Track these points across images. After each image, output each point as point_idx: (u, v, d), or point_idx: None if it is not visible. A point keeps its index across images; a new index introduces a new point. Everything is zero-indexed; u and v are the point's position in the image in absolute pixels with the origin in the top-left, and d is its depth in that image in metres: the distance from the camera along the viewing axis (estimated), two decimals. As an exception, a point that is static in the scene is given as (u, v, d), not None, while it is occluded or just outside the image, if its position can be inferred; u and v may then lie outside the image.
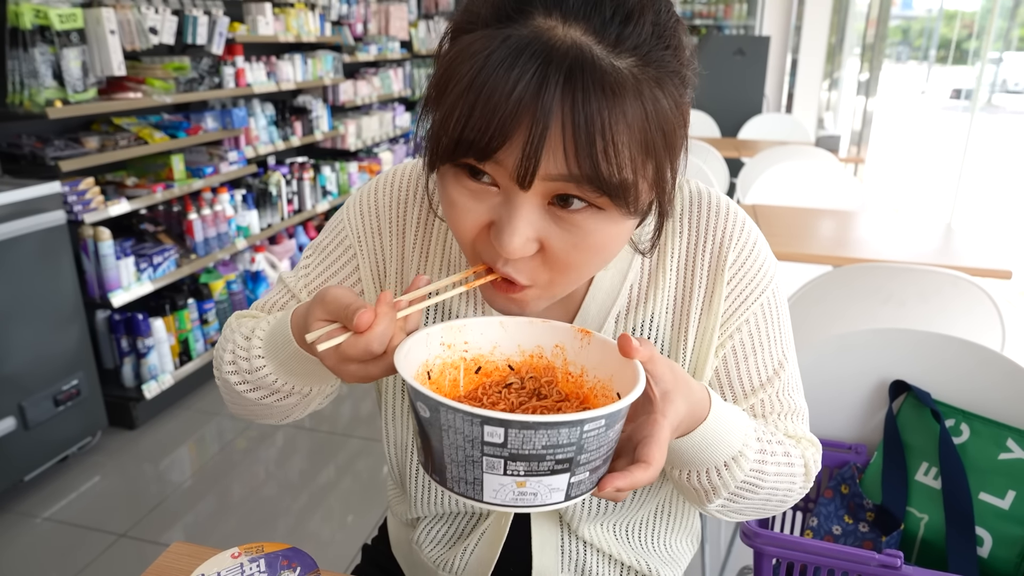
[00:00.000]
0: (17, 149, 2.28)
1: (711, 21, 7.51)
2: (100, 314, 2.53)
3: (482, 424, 0.45)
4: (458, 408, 0.45)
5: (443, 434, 0.47)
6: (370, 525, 2.10)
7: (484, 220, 0.55)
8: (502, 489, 0.47)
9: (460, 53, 0.51)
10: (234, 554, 0.67)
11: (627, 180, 0.51)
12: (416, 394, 0.48)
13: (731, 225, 0.69)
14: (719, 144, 4.03)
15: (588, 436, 0.47)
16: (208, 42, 2.85)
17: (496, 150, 0.50)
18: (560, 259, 0.55)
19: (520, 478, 0.47)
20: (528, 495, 0.48)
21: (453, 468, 0.48)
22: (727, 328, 0.70)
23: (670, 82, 0.52)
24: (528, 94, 0.48)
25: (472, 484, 0.48)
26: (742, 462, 0.62)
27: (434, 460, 0.49)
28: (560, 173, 0.50)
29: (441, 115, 0.52)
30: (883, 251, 2.04)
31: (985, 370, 1.10)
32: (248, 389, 0.68)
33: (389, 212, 0.74)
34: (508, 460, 0.46)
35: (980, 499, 1.03)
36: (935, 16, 16.07)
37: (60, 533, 2.05)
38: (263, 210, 3.29)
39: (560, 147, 0.49)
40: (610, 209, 0.53)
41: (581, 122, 0.48)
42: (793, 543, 0.89)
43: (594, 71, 0.48)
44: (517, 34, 0.49)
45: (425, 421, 0.48)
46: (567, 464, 0.47)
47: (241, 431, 2.60)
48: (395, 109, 4.71)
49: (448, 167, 0.55)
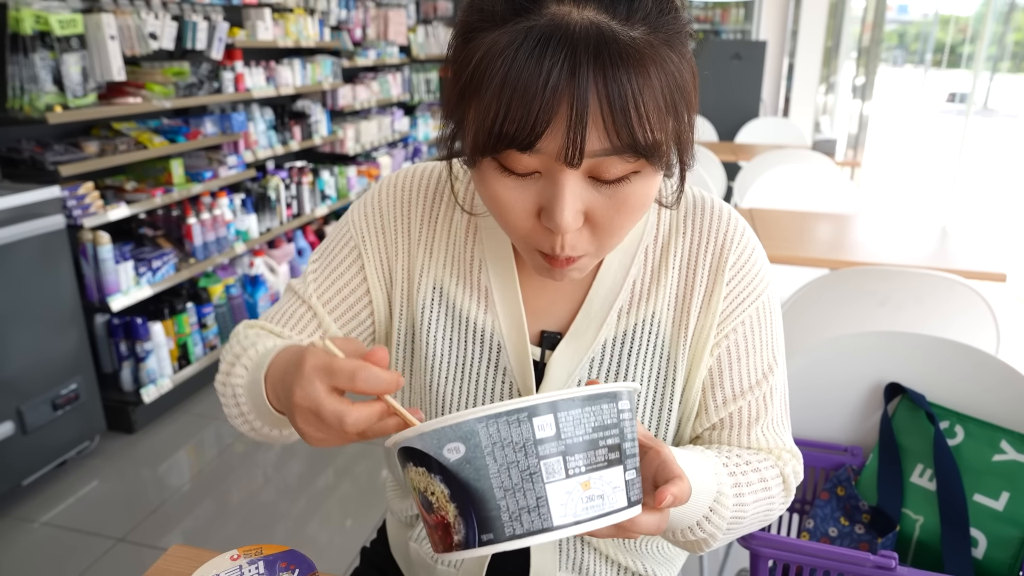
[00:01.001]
0: (17, 154, 2.28)
1: (708, 26, 7.53)
2: (99, 318, 2.54)
3: (529, 418, 0.43)
4: (499, 411, 0.42)
5: (487, 461, 0.43)
6: (369, 528, 2.10)
7: (532, 207, 0.58)
8: (569, 500, 0.44)
9: (487, 52, 0.52)
10: (233, 556, 0.67)
11: (659, 140, 0.54)
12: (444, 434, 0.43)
13: (732, 229, 0.72)
14: (716, 148, 4.05)
15: (624, 418, 0.47)
16: (207, 47, 2.86)
17: (539, 138, 0.52)
18: (606, 225, 0.58)
19: (583, 475, 0.44)
20: (596, 499, 0.45)
21: (509, 501, 0.43)
22: (723, 328, 0.72)
23: (678, 41, 0.55)
24: (563, 80, 0.50)
25: (536, 509, 0.43)
26: (724, 501, 0.65)
27: (480, 512, 0.44)
28: (603, 148, 0.52)
29: (478, 113, 0.53)
30: (879, 254, 2.05)
31: (979, 372, 1.11)
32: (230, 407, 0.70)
33: (393, 211, 0.75)
34: (566, 456, 0.44)
35: (974, 500, 1.04)
36: (931, 20, 16.13)
37: (58, 538, 2.05)
38: (262, 214, 3.29)
39: (600, 123, 0.51)
40: (644, 170, 0.56)
41: (615, 95, 0.50)
42: (789, 545, 0.90)
43: (617, 45, 0.51)
44: (538, 25, 0.51)
45: (459, 466, 0.43)
46: (617, 453, 0.46)
47: (239, 435, 2.60)
48: (394, 113, 4.72)
49: (487, 166, 0.57)
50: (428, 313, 0.75)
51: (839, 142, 5.94)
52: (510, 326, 0.73)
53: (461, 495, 0.44)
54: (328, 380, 0.50)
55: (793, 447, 0.76)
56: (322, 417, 0.50)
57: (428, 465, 0.44)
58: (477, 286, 0.74)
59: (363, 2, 4.30)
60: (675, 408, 0.73)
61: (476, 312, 0.74)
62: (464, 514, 0.44)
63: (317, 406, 0.50)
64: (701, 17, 7.58)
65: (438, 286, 0.74)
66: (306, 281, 0.77)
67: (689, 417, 0.75)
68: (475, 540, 0.44)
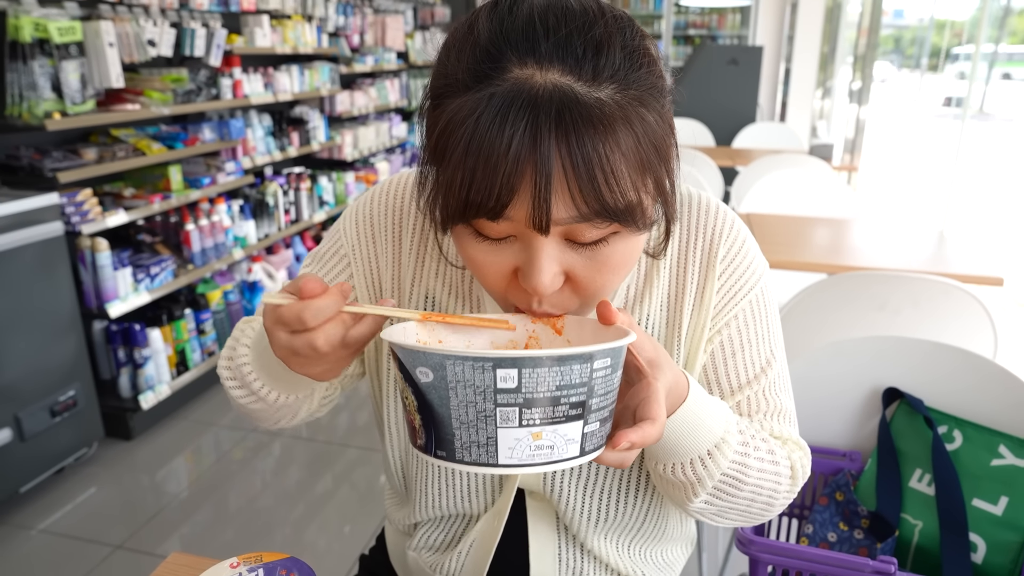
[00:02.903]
0: (15, 161, 2.28)
1: (705, 31, 7.57)
2: (97, 325, 2.53)
3: (494, 368, 0.44)
4: (466, 355, 0.45)
5: (450, 394, 0.46)
6: (368, 535, 2.10)
7: (509, 268, 0.57)
8: (518, 445, 0.46)
9: (450, 121, 0.52)
10: (232, 564, 0.67)
11: (632, 202, 0.52)
12: (417, 356, 0.47)
13: (721, 223, 0.71)
14: (714, 153, 4.06)
15: (597, 376, 0.47)
16: (206, 54, 2.87)
17: (505, 207, 0.51)
18: (587, 285, 0.57)
19: (536, 427, 0.46)
20: (544, 449, 0.47)
21: (463, 432, 0.46)
22: (717, 323, 0.71)
23: (651, 97, 0.53)
24: (525, 147, 0.49)
25: (485, 446, 0.46)
26: (725, 449, 0.62)
27: (439, 432, 0.48)
28: (572, 215, 0.51)
29: (444, 181, 0.53)
30: (876, 259, 2.06)
31: (977, 377, 1.11)
32: (237, 389, 0.70)
33: (384, 220, 0.75)
34: (523, 408, 0.45)
35: (973, 505, 1.04)
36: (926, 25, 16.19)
37: (56, 545, 2.04)
38: (260, 220, 3.29)
39: (566, 190, 0.50)
40: (623, 231, 0.55)
41: (580, 161, 0.49)
42: (788, 550, 0.90)
43: (581, 109, 0.49)
44: (500, 90, 0.50)
45: (427, 388, 0.47)
46: (580, 409, 0.47)
47: (238, 441, 2.60)
48: (392, 119, 4.73)
49: (462, 231, 0.56)
50: None
51: (836, 147, 5.96)
52: None
53: (426, 411, 0.48)
54: (286, 329, 0.54)
55: (800, 440, 0.74)
56: (299, 353, 0.54)
57: (405, 376, 0.49)
58: (469, 296, 0.73)
59: (361, 8, 4.31)
60: None
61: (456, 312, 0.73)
62: (427, 427, 0.49)
63: (292, 350, 0.54)
64: (698, 23, 7.61)
65: (430, 296, 0.74)
66: None
67: None
68: (432, 451, 0.49)
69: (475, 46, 0.53)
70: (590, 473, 0.74)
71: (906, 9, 17.05)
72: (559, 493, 0.74)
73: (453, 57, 0.54)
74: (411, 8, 5.05)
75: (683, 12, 7.62)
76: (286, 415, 0.73)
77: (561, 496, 0.75)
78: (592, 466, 0.74)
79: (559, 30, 0.51)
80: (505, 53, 0.51)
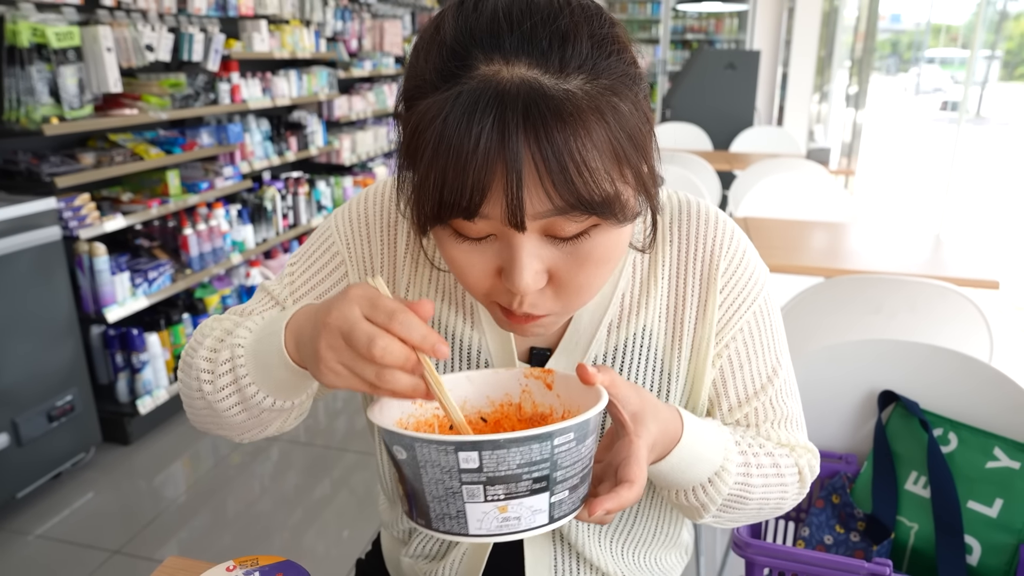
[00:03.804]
0: (13, 165, 2.28)
1: (702, 35, 7.59)
2: (95, 329, 2.53)
3: (456, 451, 0.47)
4: (431, 439, 0.47)
5: (421, 471, 0.48)
6: (365, 539, 2.10)
7: (491, 268, 0.56)
8: (486, 518, 0.49)
9: (419, 122, 0.51)
10: (229, 567, 0.67)
11: (609, 194, 0.51)
12: (392, 437, 0.49)
13: (721, 233, 0.70)
14: (711, 157, 4.07)
15: (560, 450, 0.48)
16: (204, 59, 2.88)
17: (479, 205, 0.50)
18: (571, 282, 0.56)
19: (501, 502, 0.48)
20: (512, 520, 0.49)
21: (435, 505, 0.49)
22: (722, 337, 0.70)
23: (623, 85, 0.52)
24: (494, 143, 0.48)
25: (456, 519, 0.49)
26: (725, 477, 0.64)
27: (417, 503, 0.51)
28: (547, 209, 0.50)
29: (418, 182, 0.52)
30: (873, 262, 2.06)
31: (972, 380, 1.12)
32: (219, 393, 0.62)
33: (379, 221, 0.73)
34: (487, 485, 0.48)
35: (968, 507, 1.04)
36: (923, 29, 16.25)
37: (53, 550, 2.04)
38: (258, 225, 3.30)
39: (538, 184, 0.49)
40: (603, 223, 0.54)
41: (550, 155, 0.48)
42: (784, 553, 0.90)
43: (548, 102, 0.48)
44: (467, 88, 0.49)
45: (403, 464, 0.50)
46: (544, 482, 0.49)
47: (236, 446, 2.60)
48: (390, 124, 4.73)
49: (442, 231, 0.56)
50: None
51: (833, 151, 5.97)
52: (497, 343, 0.71)
53: (405, 483, 0.51)
54: (367, 309, 0.49)
55: (808, 443, 0.75)
56: (352, 338, 0.49)
57: (386, 447, 0.52)
58: (463, 303, 0.72)
59: (359, 13, 4.32)
60: None
61: (462, 329, 0.72)
62: (408, 497, 0.52)
63: (351, 326, 0.49)
64: (696, 27, 7.63)
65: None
66: (282, 283, 0.74)
67: None
68: (414, 516, 0.52)
69: (442, 46, 0.52)
70: None
71: (903, 13, 17.13)
72: None
73: (422, 59, 0.53)
74: (409, 13, 5.06)
75: (681, 17, 7.64)
76: (255, 427, 0.67)
77: None
78: None
79: (523, 23, 0.51)
80: (471, 51, 0.51)
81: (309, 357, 0.53)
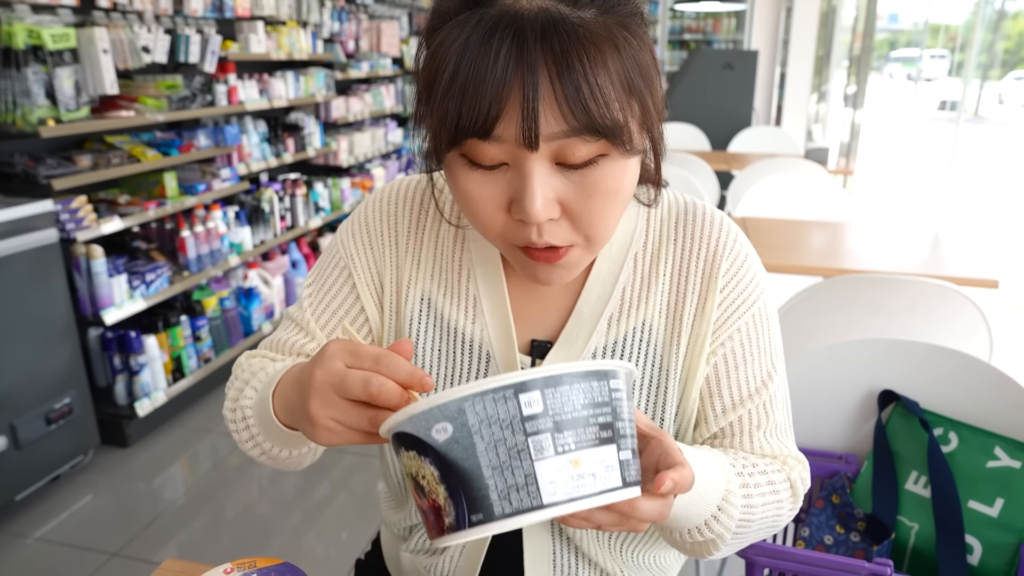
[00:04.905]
0: (10, 168, 2.28)
1: (700, 36, 7.60)
2: (92, 332, 2.53)
3: (516, 394, 0.43)
4: (485, 389, 0.42)
5: (475, 441, 0.43)
6: (364, 541, 2.09)
7: (503, 200, 0.57)
8: (559, 477, 0.43)
9: (440, 45, 0.54)
10: (226, 570, 0.67)
11: (619, 120, 0.53)
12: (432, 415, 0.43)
13: (724, 235, 0.71)
14: (709, 157, 4.07)
15: (616, 396, 0.46)
16: (201, 60, 2.87)
17: (495, 122, 0.52)
18: (581, 212, 0.58)
19: (573, 453, 0.43)
20: (587, 478, 0.44)
21: (497, 480, 0.43)
22: (719, 336, 0.71)
23: (632, 22, 0.55)
24: (512, 61, 0.50)
25: (526, 488, 0.43)
26: (732, 500, 0.63)
27: (469, 493, 0.43)
28: (561, 129, 0.52)
29: (437, 107, 0.54)
30: (872, 262, 2.06)
31: (972, 379, 1.11)
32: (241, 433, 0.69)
33: (380, 225, 0.76)
34: (555, 432, 0.43)
35: (969, 507, 1.04)
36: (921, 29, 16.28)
37: (52, 553, 2.03)
38: (256, 227, 3.29)
39: (554, 104, 0.51)
40: (611, 152, 0.55)
41: (566, 73, 0.51)
42: (784, 553, 0.90)
43: (566, 26, 0.51)
44: (488, 14, 0.52)
45: (447, 446, 0.43)
46: (610, 431, 0.45)
47: (234, 448, 2.59)
48: (387, 125, 4.73)
49: (455, 162, 0.57)
50: (416, 324, 0.75)
51: (831, 150, 5.97)
52: (499, 335, 0.72)
53: (450, 476, 0.44)
54: (351, 360, 0.51)
55: (799, 454, 0.75)
56: (345, 386, 0.50)
57: (419, 448, 0.45)
58: (465, 296, 0.73)
59: (356, 15, 4.32)
60: (669, 417, 0.73)
61: (464, 322, 0.73)
62: (454, 495, 0.44)
63: (341, 377, 0.50)
64: (694, 27, 7.64)
65: (426, 297, 0.74)
66: (302, 307, 0.77)
67: (688, 427, 0.74)
68: (465, 521, 0.44)
69: None
70: None
71: (900, 13, 17.15)
72: None
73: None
74: (406, 14, 5.06)
75: (678, 17, 7.65)
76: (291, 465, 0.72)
77: None
78: None
79: None
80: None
81: (300, 421, 0.55)
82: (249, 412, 0.66)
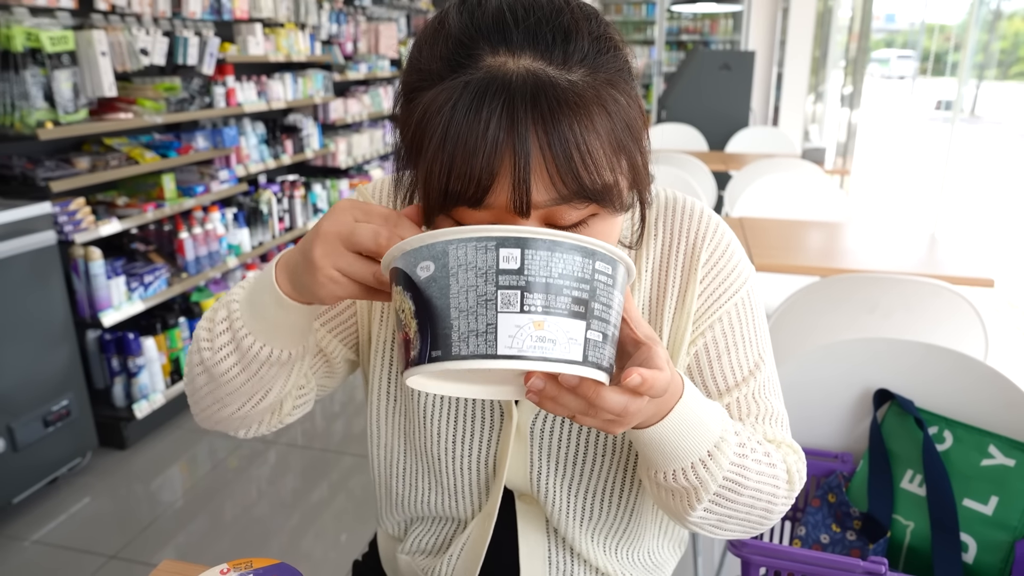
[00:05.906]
0: (8, 170, 2.28)
1: (698, 36, 7.61)
2: (91, 334, 2.53)
3: (497, 247, 0.44)
4: (469, 236, 0.44)
5: (451, 280, 0.45)
6: (363, 542, 2.09)
7: None
8: (519, 333, 0.44)
9: (426, 110, 0.52)
10: (223, 571, 0.67)
11: (608, 183, 0.53)
12: (421, 252, 0.46)
13: (704, 227, 0.71)
14: (707, 158, 4.08)
15: (599, 279, 0.47)
16: (199, 62, 2.87)
17: (486, 192, 0.51)
18: None
19: (538, 316, 0.44)
20: (546, 342, 0.44)
21: (461, 322, 0.44)
22: (699, 325, 0.71)
23: (620, 79, 0.55)
24: (503, 130, 0.49)
25: (484, 335, 0.44)
26: (724, 448, 0.60)
27: (435, 329, 0.45)
28: (551, 197, 0.51)
29: (423, 172, 0.53)
30: (868, 261, 2.07)
31: (967, 378, 1.12)
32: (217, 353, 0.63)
33: None
34: (525, 292, 0.44)
35: (964, 505, 1.04)
36: (917, 29, 16.31)
37: (49, 556, 2.03)
38: (254, 228, 3.29)
39: (544, 172, 0.51)
40: (600, 212, 0.55)
41: (556, 142, 0.50)
42: (780, 552, 0.90)
43: (555, 91, 0.50)
44: (475, 78, 0.51)
45: (427, 283, 0.46)
46: (583, 308, 0.46)
47: (233, 449, 2.59)
48: (385, 126, 4.74)
49: (444, 223, 0.56)
50: None
51: (828, 150, 5.99)
52: None
53: (423, 312, 0.46)
54: (362, 215, 0.53)
55: (794, 443, 0.73)
56: (355, 238, 0.52)
57: (405, 283, 0.48)
58: None
59: (354, 16, 4.33)
60: None
61: None
62: (422, 330, 0.46)
63: (351, 229, 0.52)
64: (691, 28, 7.65)
65: None
66: None
67: None
68: (426, 356, 0.46)
69: (447, 38, 0.54)
70: (575, 473, 0.74)
71: (897, 13, 17.19)
72: (545, 493, 0.75)
73: (426, 52, 0.55)
74: (404, 16, 5.07)
75: (675, 18, 7.66)
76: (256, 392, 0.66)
77: (548, 497, 0.75)
78: (577, 466, 0.74)
79: (528, 19, 0.53)
80: (477, 42, 0.53)
81: (303, 274, 0.55)
82: (236, 306, 0.62)
